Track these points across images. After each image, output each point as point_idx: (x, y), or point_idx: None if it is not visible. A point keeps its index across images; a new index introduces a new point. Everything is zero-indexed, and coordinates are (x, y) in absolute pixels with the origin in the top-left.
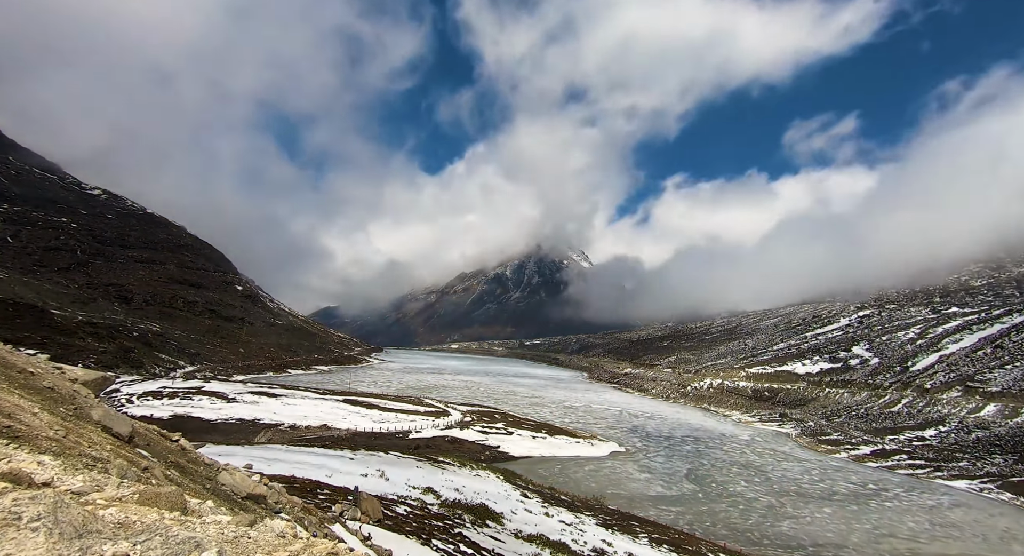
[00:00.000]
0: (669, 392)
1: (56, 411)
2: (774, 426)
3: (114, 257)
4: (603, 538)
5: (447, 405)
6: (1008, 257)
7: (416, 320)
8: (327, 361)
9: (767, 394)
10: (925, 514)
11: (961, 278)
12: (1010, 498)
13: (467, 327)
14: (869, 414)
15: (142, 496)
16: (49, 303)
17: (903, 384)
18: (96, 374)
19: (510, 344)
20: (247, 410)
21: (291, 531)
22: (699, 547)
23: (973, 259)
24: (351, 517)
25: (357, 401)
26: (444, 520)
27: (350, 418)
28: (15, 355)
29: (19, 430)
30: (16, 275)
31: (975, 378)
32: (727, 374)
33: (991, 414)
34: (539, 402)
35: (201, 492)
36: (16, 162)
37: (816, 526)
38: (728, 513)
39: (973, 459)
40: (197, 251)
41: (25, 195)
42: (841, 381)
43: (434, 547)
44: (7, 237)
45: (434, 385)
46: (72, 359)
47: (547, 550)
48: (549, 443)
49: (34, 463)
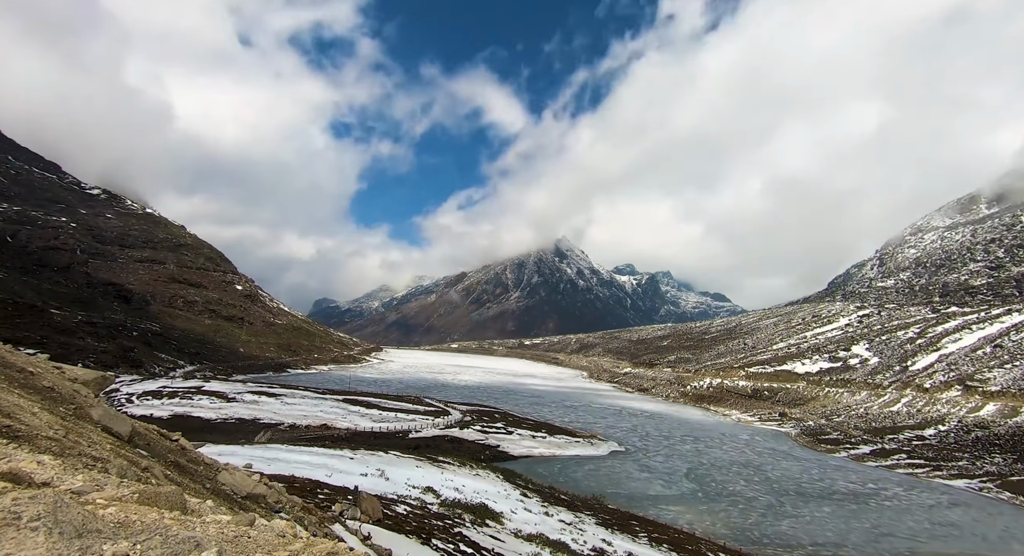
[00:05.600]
0: (669, 391)
1: (56, 411)
2: (774, 425)
3: (114, 257)
4: (603, 537)
5: (447, 405)
6: (1008, 257)
7: (416, 320)
8: (327, 360)
9: (767, 393)
10: (924, 513)
11: (961, 278)
12: (1009, 497)
13: (467, 327)
14: (868, 413)
15: (142, 495)
16: (49, 302)
17: (903, 383)
18: (96, 374)
19: (510, 344)
20: (247, 410)
21: (291, 530)
22: (699, 546)
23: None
24: (351, 517)
25: (357, 400)
26: (444, 519)
27: (350, 417)
28: (15, 355)
29: (19, 430)
30: (16, 275)
31: (974, 377)
32: (727, 373)
33: (990, 413)
34: (539, 401)
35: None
36: (16, 162)
37: (815, 525)
38: (728, 512)
39: (972, 458)
40: (197, 250)
41: (25, 195)
42: (841, 380)
43: (434, 546)
44: (7, 236)
45: (434, 385)
46: (72, 359)
47: (547, 549)
48: (549, 442)
49: (34, 463)
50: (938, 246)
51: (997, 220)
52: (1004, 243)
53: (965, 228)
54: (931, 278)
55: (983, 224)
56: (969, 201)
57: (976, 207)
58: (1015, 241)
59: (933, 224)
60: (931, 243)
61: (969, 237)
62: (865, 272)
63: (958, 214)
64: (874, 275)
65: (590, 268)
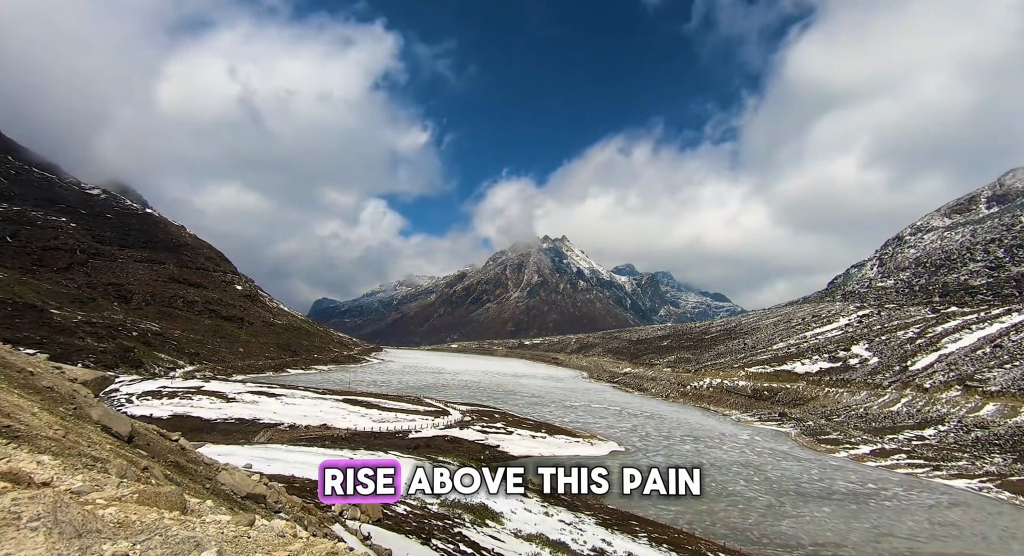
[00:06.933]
0: (668, 391)
1: (55, 411)
2: (773, 425)
3: (113, 257)
4: (603, 537)
5: (447, 405)
6: (1008, 257)
7: (416, 320)
8: (327, 361)
9: (766, 393)
10: (924, 513)
11: (961, 278)
12: (1009, 497)
13: (467, 327)
14: (868, 413)
15: (142, 495)
16: (48, 302)
17: (902, 383)
18: (95, 374)
19: (510, 344)
20: (247, 410)
21: (291, 530)
22: (699, 546)
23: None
24: (351, 516)
25: (357, 401)
26: (444, 519)
27: (350, 417)
28: (14, 355)
29: (19, 430)
30: (15, 275)
31: (974, 377)
32: (726, 373)
33: (990, 413)
34: (539, 401)
35: (201, 492)
36: (16, 162)
37: (815, 525)
38: (727, 512)
39: (972, 458)
40: (197, 250)
41: (24, 194)
42: (841, 380)
43: (434, 546)
44: (6, 236)
45: (434, 385)
46: (71, 359)
47: (547, 549)
48: (549, 442)
49: (34, 463)
50: (938, 246)
51: (997, 220)
52: (1004, 243)
53: (965, 228)
54: (931, 278)
55: (983, 224)
56: (969, 201)
57: (976, 207)
58: (1015, 241)
59: (933, 224)
60: (931, 243)
61: (969, 237)
62: (865, 272)
63: (958, 214)
64: (874, 275)
65: (590, 268)
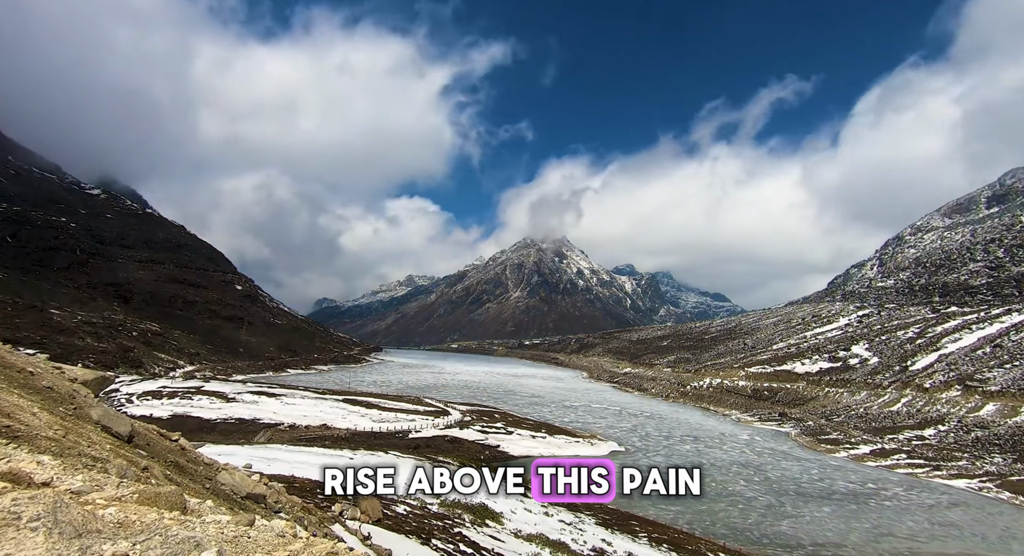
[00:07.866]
0: (668, 391)
1: (55, 411)
2: (773, 425)
3: (113, 257)
4: (603, 537)
5: (447, 405)
6: (1008, 257)
7: (416, 320)
8: (327, 361)
9: (766, 393)
10: (924, 513)
11: (961, 278)
12: (1009, 497)
13: (467, 327)
14: (868, 413)
15: (142, 496)
16: (48, 303)
17: (902, 383)
18: (95, 374)
19: (510, 344)
20: (247, 410)
21: (291, 530)
22: (698, 546)
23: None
24: (351, 517)
25: (357, 401)
26: (444, 519)
27: (350, 418)
28: (14, 355)
29: (18, 430)
30: (16, 275)
31: (974, 377)
32: (726, 374)
33: (990, 413)
34: (539, 402)
35: (201, 492)
36: (16, 162)
37: (815, 525)
38: (727, 512)
39: (972, 458)
40: (196, 251)
41: (25, 195)
42: (841, 380)
43: (434, 547)
44: (7, 237)
45: (434, 385)
46: (71, 359)
47: (547, 549)
48: (549, 442)
49: (33, 463)
50: (938, 246)
51: (997, 220)
52: (1004, 243)
53: (965, 228)
54: (931, 278)
55: (983, 224)
56: (969, 201)
57: (976, 207)
58: (1015, 241)
59: (933, 224)
60: (931, 243)
61: (969, 237)
62: (865, 272)
63: (958, 214)
64: (874, 275)
65: (590, 268)
